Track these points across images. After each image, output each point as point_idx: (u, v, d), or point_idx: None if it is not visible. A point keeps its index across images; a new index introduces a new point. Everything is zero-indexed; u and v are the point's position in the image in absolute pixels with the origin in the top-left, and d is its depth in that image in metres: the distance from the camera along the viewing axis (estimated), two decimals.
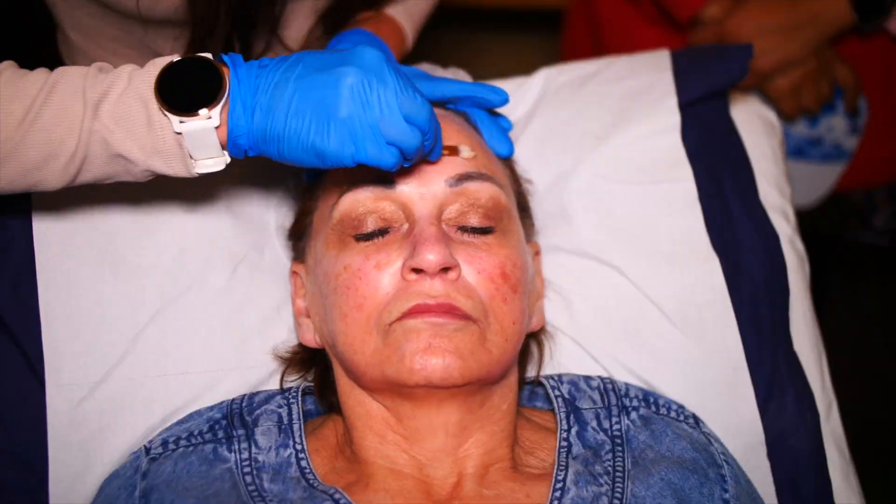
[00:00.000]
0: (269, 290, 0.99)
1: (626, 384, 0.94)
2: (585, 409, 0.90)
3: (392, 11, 1.10)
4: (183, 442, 0.86)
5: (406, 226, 0.84)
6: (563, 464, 0.84)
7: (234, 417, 0.88)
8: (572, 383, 0.93)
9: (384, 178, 0.85)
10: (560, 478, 0.82)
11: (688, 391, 0.98)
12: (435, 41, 1.08)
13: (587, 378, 0.94)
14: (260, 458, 0.84)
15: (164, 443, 0.86)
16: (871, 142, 1.46)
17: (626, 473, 0.84)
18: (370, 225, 0.84)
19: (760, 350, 0.99)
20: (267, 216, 1.03)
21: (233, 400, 0.90)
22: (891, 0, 1.31)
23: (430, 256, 0.79)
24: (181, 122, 0.75)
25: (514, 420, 0.88)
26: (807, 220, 1.17)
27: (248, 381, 0.96)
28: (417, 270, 0.80)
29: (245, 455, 0.84)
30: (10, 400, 0.90)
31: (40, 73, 0.76)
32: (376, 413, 0.85)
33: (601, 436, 0.88)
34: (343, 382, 0.88)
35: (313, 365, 0.95)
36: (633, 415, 0.90)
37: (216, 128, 0.76)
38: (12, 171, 0.76)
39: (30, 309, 0.92)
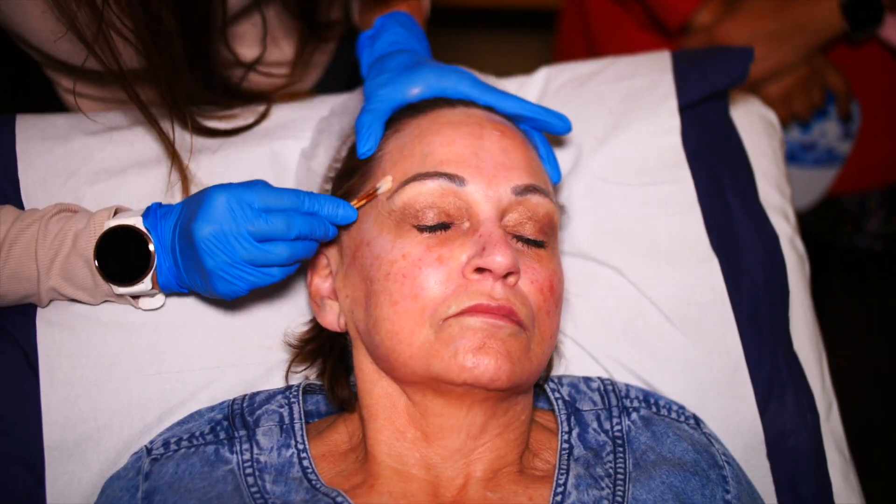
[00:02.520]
0: (265, 287, 0.99)
1: (627, 385, 0.94)
2: (586, 410, 0.90)
3: None
4: (184, 443, 0.85)
5: (467, 224, 0.84)
6: (564, 467, 0.84)
7: (236, 418, 0.88)
8: (572, 385, 0.93)
9: (454, 174, 0.85)
10: (561, 481, 0.82)
11: (688, 391, 0.98)
12: (434, 41, 1.08)
13: (587, 379, 0.94)
14: (262, 458, 0.84)
15: (166, 443, 0.86)
16: (864, 147, 1.46)
17: (627, 476, 0.84)
18: (432, 217, 0.84)
19: (760, 350, 0.99)
20: None
21: (234, 400, 0.90)
22: (882, 9, 1.31)
23: (500, 258, 0.79)
24: (119, 287, 0.88)
25: (529, 429, 0.88)
26: (801, 225, 1.17)
27: (244, 378, 0.95)
28: (481, 270, 0.81)
29: (247, 456, 0.84)
30: (7, 400, 0.90)
31: (4, 221, 0.88)
32: (401, 407, 0.84)
33: (602, 437, 0.88)
34: (369, 371, 0.87)
35: (321, 356, 0.95)
36: (634, 416, 0.90)
37: (150, 288, 0.88)
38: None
39: (25, 308, 0.92)
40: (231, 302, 0.97)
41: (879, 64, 1.42)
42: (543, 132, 0.97)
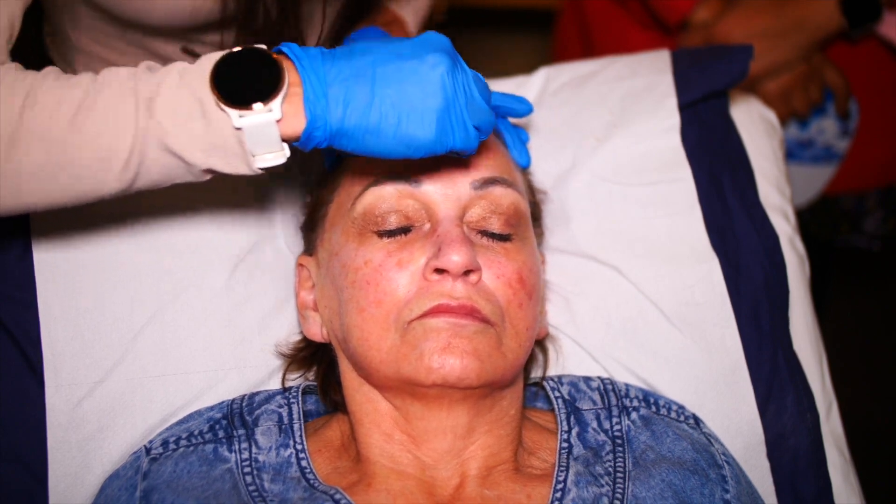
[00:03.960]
0: (268, 289, 0.99)
1: (626, 384, 0.94)
2: (586, 409, 0.90)
3: (396, 7, 1.10)
4: (183, 442, 0.86)
5: (428, 225, 0.85)
6: (564, 465, 0.84)
7: (235, 417, 0.88)
8: (572, 384, 0.93)
9: (409, 175, 0.85)
10: (561, 479, 0.82)
11: (688, 391, 0.98)
12: None
13: (587, 379, 0.94)
14: (260, 458, 0.84)
15: (165, 443, 0.86)
16: (862, 145, 1.46)
17: (627, 474, 0.84)
18: (393, 222, 0.84)
19: (760, 350, 0.99)
20: (266, 215, 1.03)
21: (233, 400, 0.90)
22: (880, 6, 1.31)
23: (456, 258, 0.79)
24: (241, 115, 0.71)
25: (521, 424, 0.88)
26: (798, 225, 1.17)
27: (247, 380, 0.96)
28: (440, 271, 0.81)
29: (245, 455, 0.84)
30: (10, 400, 0.90)
31: (86, 75, 0.73)
32: (384, 411, 0.85)
33: (602, 436, 0.88)
34: (350, 378, 0.88)
35: (315, 362, 0.95)
36: (634, 415, 0.90)
37: (277, 121, 0.72)
38: (66, 177, 0.72)
39: (29, 309, 0.92)
40: (234, 304, 0.97)
41: (878, 61, 1.42)
42: (509, 118, 0.96)
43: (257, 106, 0.70)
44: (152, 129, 0.71)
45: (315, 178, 1.00)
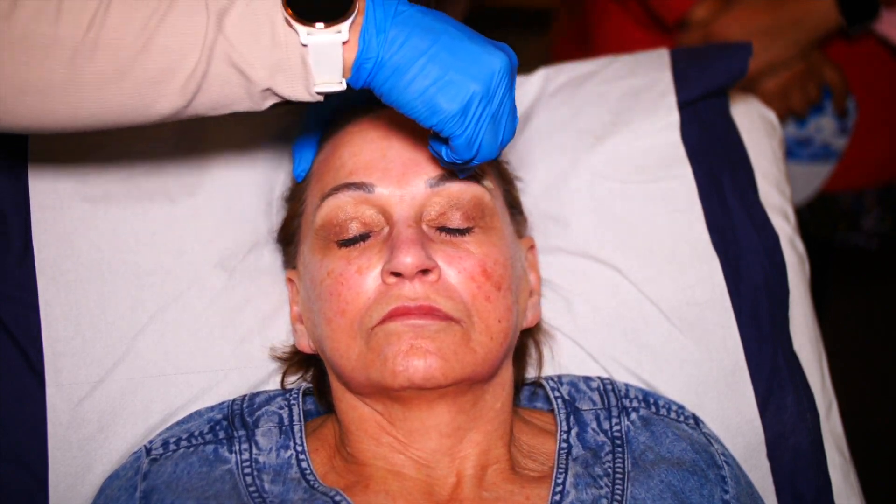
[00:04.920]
0: (268, 290, 0.99)
1: (626, 385, 0.94)
2: (585, 410, 0.90)
3: None
4: (183, 443, 0.86)
5: (387, 229, 0.84)
6: (563, 466, 0.84)
7: (235, 418, 0.88)
8: (572, 384, 0.93)
9: (361, 182, 0.85)
10: (560, 480, 0.82)
11: (688, 391, 0.98)
12: None
13: (587, 379, 0.94)
14: (260, 459, 0.84)
15: (165, 443, 0.86)
16: (859, 143, 1.46)
17: (626, 475, 0.84)
18: (352, 230, 0.84)
19: (760, 350, 0.99)
20: (265, 216, 1.03)
21: (234, 400, 0.90)
22: (877, 4, 1.31)
23: (407, 259, 0.79)
24: (309, 33, 0.71)
25: (510, 419, 0.88)
26: (797, 224, 1.17)
27: (247, 381, 0.96)
28: (396, 274, 0.80)
29: (246, 456, 0.84)
30: (10, 400, 0.90)
31: None
32: (369, 416, 0.85)
33: (601, 437, 0.88)
34: (336, 386, 0.88)
35: (311, 366, 0.95)
36: (633, 416, 0.90)
37: (344, 44, 0.72)
38: (129, 86, 0.72)
39: (30, 309, 0.92)
40: (234, 304, 0.97)
41: (876, 59, 1.42)
42: None
43: (323, 25, 0.71)
44: (220, 43, 0.71)
45: (286, 192, 1.00)
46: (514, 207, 0.96)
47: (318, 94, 0.75)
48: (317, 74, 0.73)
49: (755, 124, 1.18)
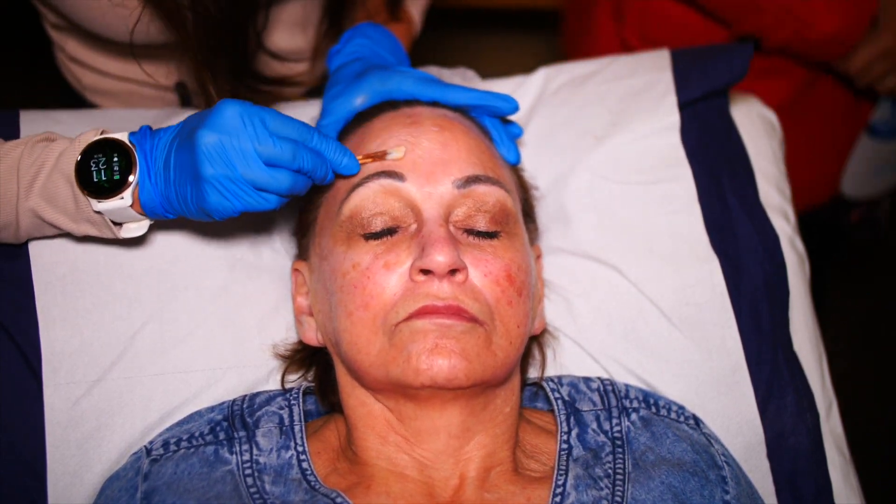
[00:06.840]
0: (266, 289, 0.99)
1: (626, 385, 0.94)
2: (586, 410, 0.90)
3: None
4: (184, 443, 0.86)
5: (414, 226, 0.84)
6: (564, 467, 0.84)
7: (236, 419, 0.88)
8: (572, 385, 0.93)
9: (394, 171, 0.85)
10: (560, 482, 0.82)
11: (688, 391, 0.98)
12: (435, 42, 1.08)
13: (587, 379, 0.94)
14: (261, 459, 0.84)
15: (165, 444, 0.86)
16: None
17: (627, 476, 0.84)
18: (379, 224, 0.84)
19: (760, 350, 0.99)
20: (263, 216, 1.03)
21: (234, 401, 0.90)
22: None
23: (440, 258, 0.79)
24: (99, 202, 0.82)
25: (517, 423, 0.88)
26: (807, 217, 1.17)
27: (246, 380, 0.95)
28: (426, 272, 0.80)
29: (246, 457, 0.84)
30: (9, 400, 0.90)
31: None
32: (378, 413, 0.85)
33: (602, 437, 0.88)
34: (345, 381, 0.88)
35: (313, 364, 0.95)
36: (634, 416, 0.90)
37: (131, 205, 0.82)
38: None
39: (27, 308, 0.92)
40: (232, 304, 0.97)
41: None
42: (496, 116, 0.96)
43: (106, 198, 0.82)
44: (31, 207, 0.84)
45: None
46: (528, 215, 0.97)
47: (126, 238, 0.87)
48: (120, 222, 0.86)
49: (755, 124, 1.18)
